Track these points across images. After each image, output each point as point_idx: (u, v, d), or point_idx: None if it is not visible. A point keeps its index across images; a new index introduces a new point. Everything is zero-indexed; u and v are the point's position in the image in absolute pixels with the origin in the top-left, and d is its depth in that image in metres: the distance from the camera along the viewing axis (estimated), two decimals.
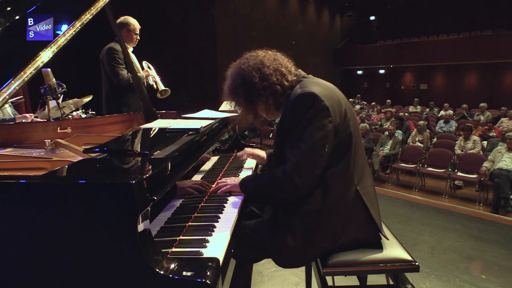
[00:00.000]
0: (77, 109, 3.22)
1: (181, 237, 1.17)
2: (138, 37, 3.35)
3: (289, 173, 1.33)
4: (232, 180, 1.60)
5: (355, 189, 1.42)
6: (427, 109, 11.82)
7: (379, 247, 1.47)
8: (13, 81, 1.37)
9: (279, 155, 1.49)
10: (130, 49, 3.35)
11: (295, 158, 1.34)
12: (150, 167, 1.08)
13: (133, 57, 3.36)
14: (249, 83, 1.43)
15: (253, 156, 1.97)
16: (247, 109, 1.51)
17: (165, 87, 3.46)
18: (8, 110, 3.36)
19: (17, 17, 1.65)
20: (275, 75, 1.44)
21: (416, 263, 1.42)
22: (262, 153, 1.97)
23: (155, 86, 3.46)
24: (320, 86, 1.42)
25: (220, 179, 1.69)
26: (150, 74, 3.42)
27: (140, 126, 1.88)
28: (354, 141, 1.43)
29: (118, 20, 3.26)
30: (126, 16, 3.29)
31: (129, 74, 3.20)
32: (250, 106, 1.50)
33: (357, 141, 1.45)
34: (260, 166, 2.18)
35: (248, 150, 1.99)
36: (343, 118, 1.40)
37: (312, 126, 1.33)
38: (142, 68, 3.45)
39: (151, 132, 1.75)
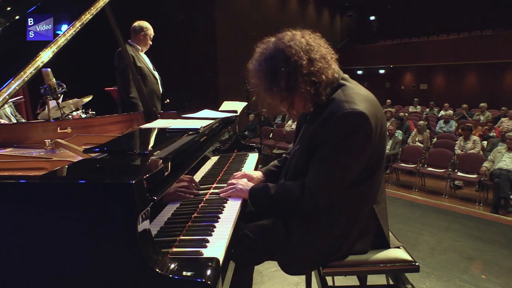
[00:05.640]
0: (77, 109, 3.22)
1: (181, 237, 1.17)
2: (151, 42, 3.43)
3: (313, 192, 1.25)
4: (241, 185, 1.49)
5: (372, 207, 1.39)
6: (427, 109, 11.82)
7: (379, 247, 1.46)
8: (13, 81, 1.37)
9: (302, 168, 1.35)
10: (142, 53, 3.41)
11: (323, 179, 1.25)
12: (150, 167, 1.08)
13: (145, 57, 3.39)
14: (295, 65, 1.20)
15: (248, 178, 1.63)
16: (284, 96, 1.27)
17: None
18: (7, 110, 3.35)
19: (17, 17, 1.65)
20: (322, 62, 1.24)
21: (416, 263, 1.42)
22: (257, 174, 1.67)
23: None
24: (368, 101, 1.25)
25: (220, 178, 1.67)
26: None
27: (140, 126, 1.88)
28: (382, 161, 1.37)
29: (137, 23, 3.35)
30: (144, 21, 3.37)
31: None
32: (288, 93, 1.25)
33: (383, 160, 1.39)
34: (259, 166, 2.17)
35: (238, 176, 1.64)
36: (382, 138, 1.30)
37: (352, 149, 1.22)
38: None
39: (151, 132, 1.75)
